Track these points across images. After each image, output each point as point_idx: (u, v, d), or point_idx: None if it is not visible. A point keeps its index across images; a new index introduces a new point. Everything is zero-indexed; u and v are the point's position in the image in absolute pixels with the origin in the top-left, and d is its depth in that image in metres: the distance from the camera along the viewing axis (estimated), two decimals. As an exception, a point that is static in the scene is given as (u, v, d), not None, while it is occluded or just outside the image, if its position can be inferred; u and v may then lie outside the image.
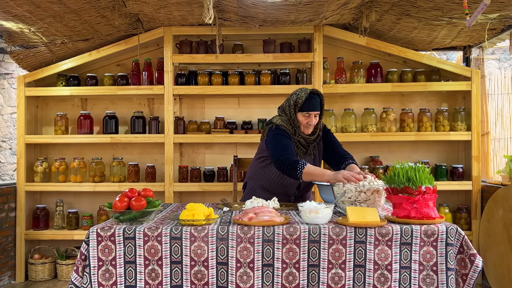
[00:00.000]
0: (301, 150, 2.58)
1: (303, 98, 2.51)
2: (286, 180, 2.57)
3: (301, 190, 2.64)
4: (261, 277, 1.81)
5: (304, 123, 2.53)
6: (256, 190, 2.68)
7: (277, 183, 2.60)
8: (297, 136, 2.57)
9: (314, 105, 2.51)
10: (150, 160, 4.06)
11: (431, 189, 1.90)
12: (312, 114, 2.51)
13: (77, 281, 1.82)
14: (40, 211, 3.91)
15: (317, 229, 1.82)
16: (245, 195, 2.77)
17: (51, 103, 4.13)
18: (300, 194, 2.67)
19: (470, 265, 1.81)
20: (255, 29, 3.68)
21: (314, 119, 2.52)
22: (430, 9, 3.18)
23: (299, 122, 2.55)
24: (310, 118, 2.52)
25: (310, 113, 2.51)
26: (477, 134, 3.75)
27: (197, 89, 3.83)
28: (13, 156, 5.29)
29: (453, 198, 3.97)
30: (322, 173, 2.25)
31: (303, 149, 2.59)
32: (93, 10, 3.25)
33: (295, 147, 2.56)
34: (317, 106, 2.52)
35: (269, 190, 2.63)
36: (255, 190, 2.69)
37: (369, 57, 3.98)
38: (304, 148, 2.59)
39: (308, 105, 2.50)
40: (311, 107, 2.50)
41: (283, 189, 2.61)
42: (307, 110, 2.51)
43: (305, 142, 2.58)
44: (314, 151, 2.62)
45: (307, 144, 2.59)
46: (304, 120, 2.53)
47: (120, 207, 1.88)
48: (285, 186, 2.59)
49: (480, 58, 4.00)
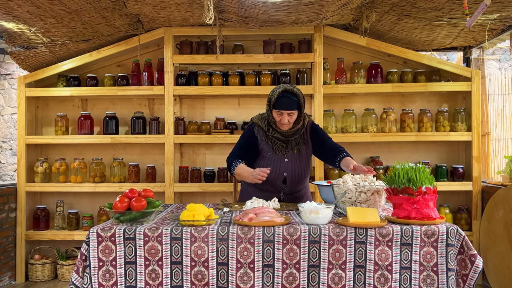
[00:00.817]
0: (279, 145, 2.60)
1: (275, 96, 2.52)
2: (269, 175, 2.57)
3: (288, 184, 2.64)
4: (261, 278, 1.81)
5: (277, 120, 2.55)
6: (247, 188, 2.72)
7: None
8: (271, 132, 2.59)
9: (286, 104, 2.49)
10: (150, 160, 4.06)
11: (432, 190, 1.89)
12: (284, 112, 2.50)
13: (77, 281, 1.82)
14: (41, 212, 3.91)
15: (317, 229, 1.82)
16: (240, 195, 2.81)
17: (52, 103, 4.13)
18: (290, 190, 2.65)
19: (471, 266, 1.81)
20: (256, 30, 3.68)
21: (287, 117, 2.51)
22: (431, 10, 3.18)
23: (275, 118, 2.56)
24: (282, 117, 2.52)
25: (282, 111, 2.50)
26: (477, 135, 3.75)
27: (198, 90, 3.84)
28: (14, 156, 5.29)
29: (454, 198, 3.97)
30: (242, 172, 2.47)
31: (281, 144, 2.60)
32: (94, 11, 3.25)
33: (271, 143, 2.60)
34: (290, 105, 2.49)
35: (258, 187, 2.65)
36: (247, 189, 2.72)
37: (369, 58, 3.98)
38: (282, 142, 2.60)
39: (280, 103, 2.50)
40: (283, 105, 2.49)
41: (269, 184, 2.62)
42: (279, 108, 2.50)
43: (282, 137, 2.59)
44: (298, 146, 2.62)
45: (286, 139, 2.60)
46: (277, 117, 2.54)
47: (121, 208, 1.88)
48: (270, 181, 2.59)
49: (480, 59, 4.00)
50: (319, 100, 3.76)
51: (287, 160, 2.61)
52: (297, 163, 2.62)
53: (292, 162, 2.61)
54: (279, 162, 2.60)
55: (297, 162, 2.62)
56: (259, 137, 2.64)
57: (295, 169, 2.62)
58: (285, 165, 2.61)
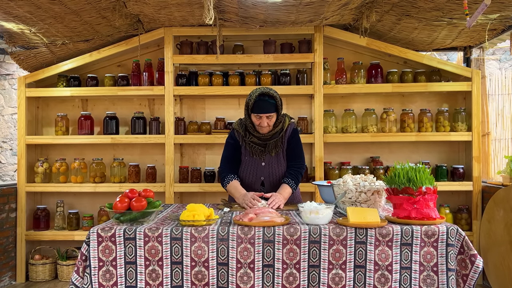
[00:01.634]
0: (257, 149, 2.60)
1: (252, 100, 2.50)
2: (246, 179, 2.63)
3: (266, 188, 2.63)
4: (261, 278, 1.81)
5: (257, 124, 2.54)
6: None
7: (241, 182, 2.63)
8: (248, 137, 2.60)
9: (264, 107, 2.48)
10: (150, 160, 4.06)
11: (432, 190, 1.90)
12: (263, 116, 2.50)
13: (77, 281, 1.82)
14: (41, 212, 3.91)
15: (317, 229, 1.82)
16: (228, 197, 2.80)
17: (52, 103, 4.13)
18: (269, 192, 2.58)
19: (471, 266, 1.81)
20: (256, 30, 3.68)
21: (266, 120, 2.51)
22: (431, 10, 3.18)
23: (253, 123, 2.56)
24: (261, 120, 2.51)
25: (260, 115, 2.50)
26: (477, 135, 3.75)
27: (198, 90, 3.84)
28: (14, 156, 5.29)
29: (454, 198, 3.97)
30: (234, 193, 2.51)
31: (259, 148, 2.60)
32: (94, 11, 3.25)
33: (249, 147, 2.60)
34: (268, 108, 2.48)
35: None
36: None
37: (369, 58, 3.98)
38: (260, 146, 2.60)
39: (257, 107, 2.49)
40: (261, 109, 2.48)
41: (248, 188, 2.62)
42: (257, 112, 2.49)
43: (259, 141, 2.59)
44: (276, 149, 2.61)
45: (264, 142, 2.60)
46: (256, 121, 2.53)
47: (121, 208, 1.88)
48: (248, 185, 2.63)
49: (480, 59, 4.00)
50: (319, 100, 3.76)
51: (264, 164, 2.61)
52: (274, 166, 2.62)
53: (270, 165, 2.61)
54: (256, 166, 2.61)
55: (274, 165, 2.62)
56: (240, 142, 2.66)
57: (273, 172, 2.62)
58: (262, 169, 2.61)
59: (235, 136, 2.66)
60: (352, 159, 4.01)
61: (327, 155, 3.96)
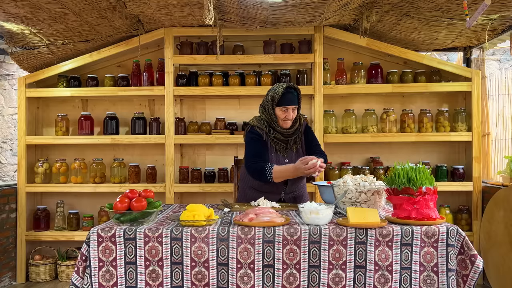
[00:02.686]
0: (280, 146, 2.61)
1: (279, 93, 2.54)
2: None
3: (289, 185, 2.64)
4: (261, 278, 1.81)
5: (282, 117, 2.56)
6: (246, 190, 2.70)
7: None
8: (272, 133, 2.60)
9: (290, 99, 2.54)
10: (150, 161, 4.06)
11: (432, 190, 1.89)
12: (289, 108, 2.55)
13: (77, 282, 1.82)
14: (41, 212, 3.91)
15: (317, 229, 1.82)
16: (238, 197, 2.80)
17: (52, 104, 4.13)
18: (290, 190, 2.66)
19: (471, 266, 1.81)
20: (256, 30, 3.69)
21: (292, 113, 2.56)
22: (431, 10, 3.18)
23: (277, 116, 2.58)
24: (287, 112, 2.55)
25: (287, 107, 2.54)
26: (477, 135, 3.75)
27: (198, 90, 3.84)
28: (14, 157, 5.29)
29: (454, 199, 3.97)
30: (286, 169, 2.44)
31: (282, 144, 2.62)
32: (94, 11, 3.26)
33: (273, 143, 2.60)
34: (294, 100, 2.56)
35: (258, 189, 2.65)
36: (245, 190, 2.71)
37: (369, 58, 3.98)
38: (283, 143, 2.62)
39: (285, 99, 2.54)
40: (288, 101, 2.54)
41: (271, 186, 2.61)
42: (284, 104, 2.54)
43: (283, 137, 2.61)
44: (295, 145, 2.65)
45: (286, 139, 2.62)
46: (282, 114, 2.56)
47: (121, 208, 1.88)
48: (272, 183, 2.59)
49: (480, 59, 4.00)
50: (319, 101, 3.77)
51: (287, 160, 2.61)
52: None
53: (292, 161, 2.61)
54: (281, 162, 2.61)
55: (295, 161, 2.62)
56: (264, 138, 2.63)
57: None
58: None
59: (258, 132, 2.62)
60: (352, 160, 4.01)
61: (327, 155, 3.93)
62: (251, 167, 2.54)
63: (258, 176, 2.51)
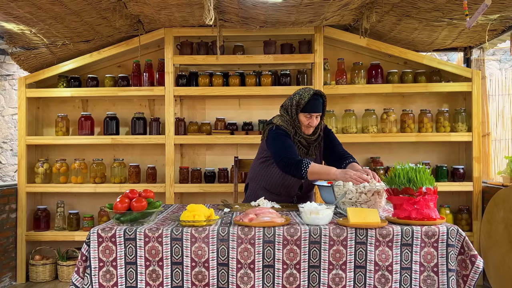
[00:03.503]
0: (302, 151, 2.57)
1: (305, 99, 2.49)
2: (288, 180, 2.56)
3: (303, 190, 2.63)
4: (261, 278, 1.81)
5: (305, 123, 2.52)
6: (257, 191, 2.67)
7: (279, 184, 2.59)
8: (297, 136, 2.55)
9: (316, 106, 2.49)
10: (150, 161, 4.06)
11: (432, 190, 1.89)
12: (314, 115, 2.50)
13: (78, 282, 1.82)
14: (41, 212, 3.91)
15: (317, 230, 1.82)
16: (247, 197, 2.76)
17: (52, 104, 4.13)
18: (303, 195, 2.66)
19: (471, 266, 1.81)
20: (256, 30, 3.69)
21: (315, 120, 2.51)
22: (431, 10, 3.18)
23: (301, 122, 2.53)
24: (311, 119, 2.50)
25: (312, 114, 2.49)
26: (478, 135, 3.75)
27: (198, 90, 3.84)
28: (14, 157, 5.30)
29: (454, 199, 3.97)
30: (328, 171, 2.25)
31: (304, 150, 2.57)
32: (94, 12, 3.26)
33: (296, 148, 2.54)
34: (319, 108, 2.50)
35: (271, 191, 2.62)
36: (256, 191, 2.67)
37: (369, 58, 3.98)
38: (305, 148, 2.58)
39: (310, 106, 2.48)
40: (313, 108, 2.48)
41: (285, 190, 2.60)
42: (309, 111, 2.48)
43: (306, 143, 2.57)
44: (315, 151, 2.61)
45: (308, 145, 2.58)
46: (306, 121, 2.51)
47: (121, 208, 1.88)
48: (287, 186, 2.58)
49: (480, 59, 4.00)
50: (320, 101, 3.76)
51: None
52: None
53: None
54: None
55: None
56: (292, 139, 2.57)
57: None
58: None
59: (287, 132, 2.54)
60: (352, 160, 4.01)
61: (327, 155, 3.96)
62: (285, 159, 2.36)
63: (292, 170, 2.33)
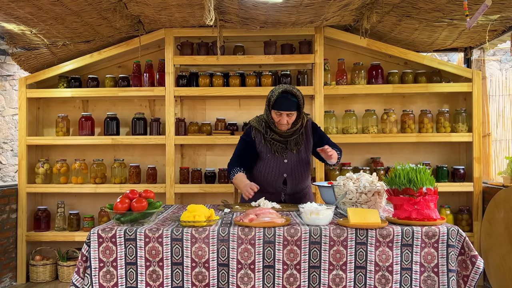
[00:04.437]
0: (278, 147, 2.60)
1: (275, 97, 2.52)
2: (268, 176, 2.60)
3: (289, 187, 2.63)
4: (262, 279, 1.81)
5: (276, 121, 2.55)
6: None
7: (262, 180, 2.62)
8: (270, 134, 2.60)
9: (285, 105, 2.49)
10: (151, 161, 4.06)
11: (432, 191, 1.89)
12: (283, 113, 2.51)
13: (78, 282, 1.82)
14: (41, 213, 3.91)
15: (318, 230, 1.82)
16: (240, 197, 2.80)
17: (53, 104, 4.13)
18: (291, 191, 2.65)
19: (471, 267, 1.81)
20: (256, 31, 3.69)
21: (286, 118, 2.52)
22: (431, 11, 3.18)
23: (273, 119, 2.57)
24: (281, 117, 2.52)
25: (281, 112, 2.51)
26: (478, 136, 3.75)
27: (198, 91, 3.84)
28: (15, 157, 5.30)
29: (454, 199, 3.97)
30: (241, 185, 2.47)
31: (281, 145, 2.60)
32: (95, 12, 3.26)
33: (270, 144, 2.60)
34: (289, 106, 2.50)
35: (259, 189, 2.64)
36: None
37: (370, 59, 3.98)
38: (281, 144, 2.60)
39: (279, 104, 2.50)
40: (282, 106, 2.50)
41: (269, 185, 2.62)
42: (278, 109, 2.51)
43: (281, 138, 2.60)
44: (297, 146, 2.62)
45: (285, 139, 2.60)
46: (276, 118, 2.54)
47: (121, 209, 1.88)
48: (269, 182, 2.61)
49: (481, 60, 4.00)
50: (320, 101, 3.77)
51: (287, 161, 2.61)
52: (296, 163, 2.62)
53: (292, 162, 2.61)
54: (279, 163, 2.60)
55: (296, 162, 2.62)
56: (257, 140, 2.64)
57: (295, 169, 2.62)
58: (285, 166, 2.60)
59: (251, 134, 2.66)
60: (352, 160, 4.01)
61: (328, 156, 3.96)
62: (228, 165, 2.66)
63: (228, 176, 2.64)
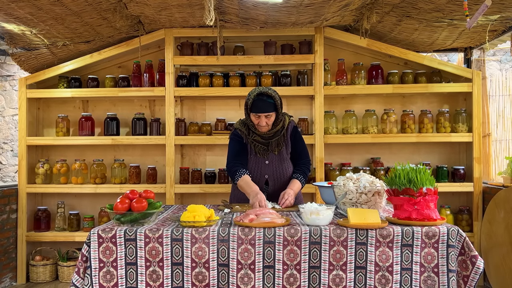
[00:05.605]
0: (260, 148, 2.61)
1: (251, 100, 2.52)
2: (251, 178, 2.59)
3: (271, 186, 2.63)
4: (262, 279, 1.81)
5: (255, 123, 2.56)
6: (235, 189, 2.73)
7: None
8: (252, 136, 2.60)
9: (262, 107, 2.49)
10: (151, 161, 4.06)
11: (432, 191, 1.89)
12: (261, 115, 2.51)
13: (78, 282, 1.82)
14: (42, 213, 3.91)
15: (318, 230, 1.82)
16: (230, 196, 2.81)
17: (53, 105, 4.13)
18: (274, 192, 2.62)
19: (472, 267, 1.81)
20: (256, 31, 3.69)
21: (265, 120, 2.52)
22: (431, 11, 3.18)
23: (253, 122, 2.57)
24: (260, 119, 2.52)
25: (259, 114, 2.51)
26: (478, 136, 3.75)
27: (198, 91, 3.84)
28: (15, 158, 5.30)
29: (455, 199, 3.96)
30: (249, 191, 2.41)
31: (262, 147, 2.61)
32: (95, 12, 3.26)
33: (253, 146, 2.61)
34: (266, 108, 2.50)
35: None
36: (235, 190, 2.73)
37: (370, 59, 3.98)
38: (263, 145, 2.61)
39: (256, 106, 2.50)
40: (258, 108, 2.50)
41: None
42: (256, 111, 2.51)
43: (262, 139, 2.60)
44: (278, 147, 2.62)
45: (266, 141, 2.61)
46: (255, 120, 2.55)
47: (121, 209, 1.88)
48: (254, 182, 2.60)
49: (481, 60, 4.00)
50: (320, 101, 3.77)
51: (268, 162, 2.62)
52: (278, 164, 2.63)
53: (273, 163, 2.62)
54: (260, 164, 2.62)
55: (278, 163, 2.63)
56: (244, 140, 2.66)
57: (277, 170, 2.63)
58: (266, 167, 2.62)
59: (239, 134, 2.67)
60: (352, 160, 4.01)
61: (328, 156, 3.96)
62: (227, 167, 2.61)
63: (231, 177, 2.57)
